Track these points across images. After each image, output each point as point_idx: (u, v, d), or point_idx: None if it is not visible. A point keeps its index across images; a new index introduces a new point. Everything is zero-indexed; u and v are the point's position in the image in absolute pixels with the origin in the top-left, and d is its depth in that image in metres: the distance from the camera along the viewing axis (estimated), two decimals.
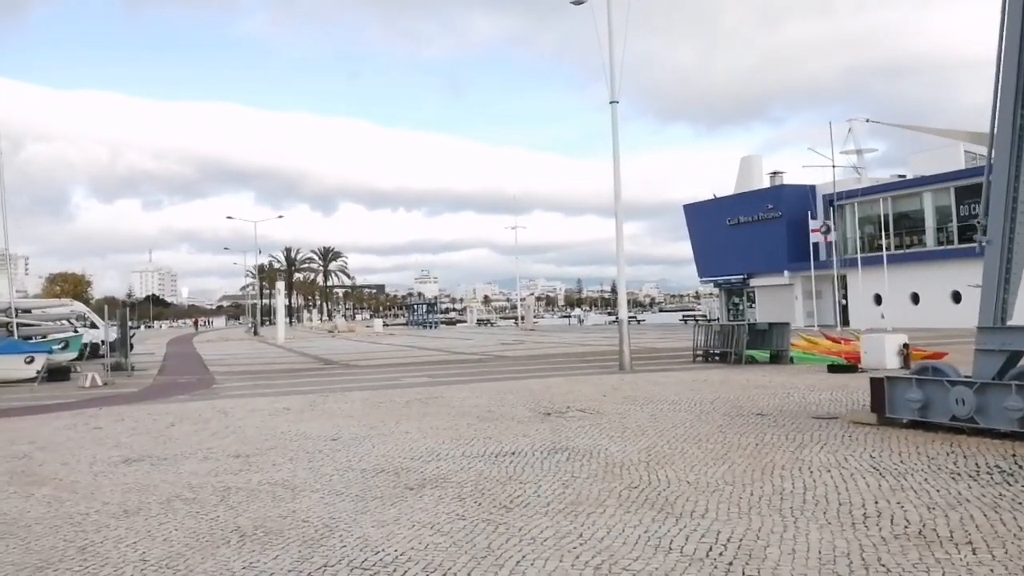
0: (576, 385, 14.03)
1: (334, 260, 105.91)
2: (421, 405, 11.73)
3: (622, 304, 17.75)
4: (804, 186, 44.47)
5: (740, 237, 45.22)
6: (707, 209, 48.11)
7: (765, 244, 43.77)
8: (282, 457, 7.78)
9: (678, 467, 6.82)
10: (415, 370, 19.07)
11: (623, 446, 7.89)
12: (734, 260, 45.79)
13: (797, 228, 41.93)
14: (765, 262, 44.07)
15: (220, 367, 22.20)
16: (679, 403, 11.17)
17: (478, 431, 9.10)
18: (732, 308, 48.71)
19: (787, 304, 43.55)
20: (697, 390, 12.76)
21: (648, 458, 7.25)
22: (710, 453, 7.41)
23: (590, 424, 9.42)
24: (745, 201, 45.15)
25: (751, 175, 46.76)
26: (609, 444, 8.03)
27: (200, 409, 11.98)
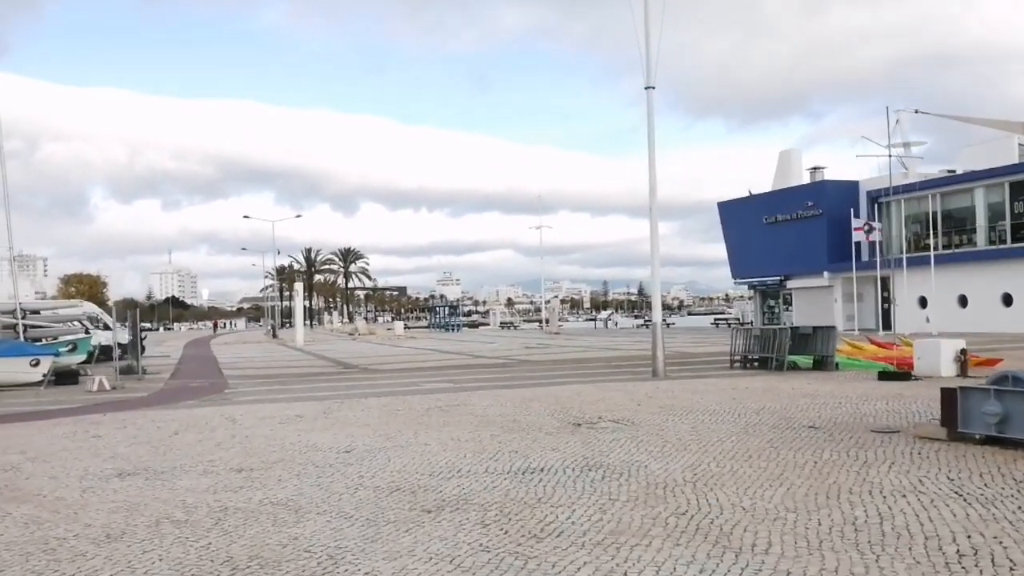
0: (607, 393, 13.40)
1: (355, 261, 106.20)
2: (441, 413, 11.19)
3: (656, 307, 17.06)
4: (847, 182, 43.29)
5: (777, 236, 44.15)
6: (743, 207, 47.06)
7: (804, 244, 42.67)
8: (288, 472, 7.27)
9: (729, 489, 6.17)
10: (436, 375, 18.56)
11: (664, 463, 7.26)
12: (770, 260, 44.72)
13: (838, 226, 40.74)
14: (803, 262, 42.96)
15: (234, 371, 21.91)
16: (721, 413, 10.49)
17: (503, 444, 8.52)
18: (767, 311, 47.60)
19: (826, 307, 42.41)
20: (739, 399, 12.05)
21: (694, 477, 6.61)
22: (764, 472, 6.74)
23: (625, 437, 8.79)
24: (783, 198, 44.06)
25: (790, 171, 45.64)
26: (648, 460, 7.40)
27: (208, 416, 11.57)
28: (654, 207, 17.00)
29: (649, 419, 10.14)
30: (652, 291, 17.02)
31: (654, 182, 17.02)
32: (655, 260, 17.02)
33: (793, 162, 46.24)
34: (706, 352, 24.44)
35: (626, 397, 12.63)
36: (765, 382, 14.65)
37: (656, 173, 16.97)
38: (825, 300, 42.75)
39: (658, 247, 16.99)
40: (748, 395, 12.56)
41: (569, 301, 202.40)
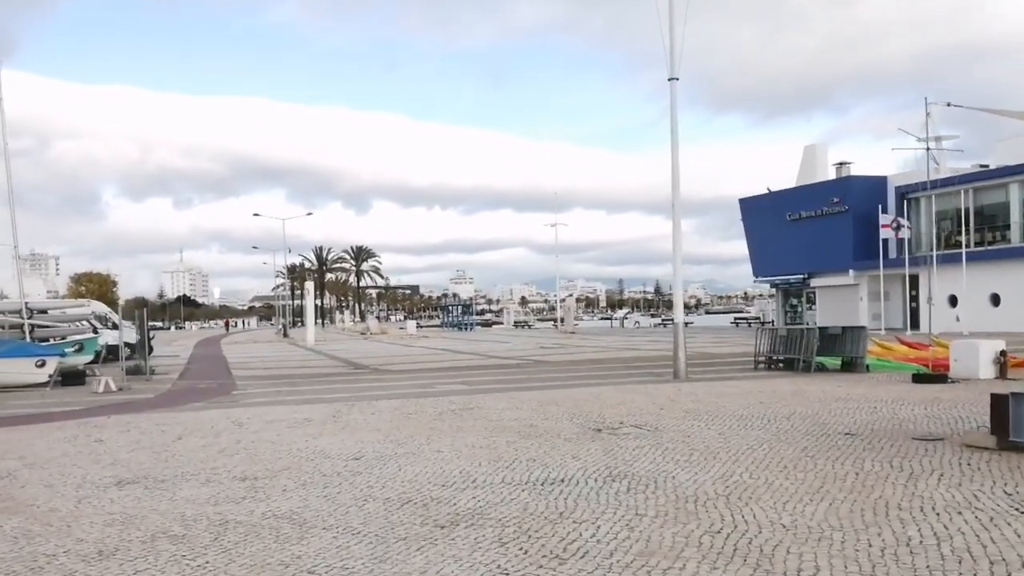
0: (627, 395, 13.04)
1: (367, 260, 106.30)
2: (455, 417, 10.89)
3: (678, 306, 16.66)
4: (874, 178, 42.52)
5: (801, 233, 43.46)
6: (765, 203, 46.40)
7: (829, 241, 41.95)
8: (294, 481, 6.99)
9: (766, 503, 5.80)
10: (449, 376, 18.28)
11: (693, 473, 6.90)
12: (793, 258, 44.04)
13: (865, 223, 40.04)
14: (828, 260, 42.25)
15: (244, 371, 21.74)
16: (749, 419, 10.10)
17: (520, 451, 8.20)
18: (790, 310, 46.94)
19: (851, 306, 41.69)
20: (767, 403, 11.65)
21: (727, 490, 6.25)
22: (802, 485, 6.37)
23: (649, 444, 8.44)
24: (808, 194, 43.36)
25: (815, 166, 44.92)
26: (676, 470, 7.04)
27: (214, 419, 11.33)
28: (677, 203, 16.61)
29: (673, 424, 9.78)
30: (674, 290, 16.64)
31: (677, 176, 16.62)
32: (677, 258, 16.63)
33: (818, 157, 45.49)
34: (728, 353, 23.97)
35: (648, 400, 12.26)
36: (793, 384, 14.22)
37: (679, 167, 16.57)
38: (850, 299, 42.04)
39: (681, 244, 16.60)
40: (776, 399, 12.15)
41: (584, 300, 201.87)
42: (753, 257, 47.34)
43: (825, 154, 46.39)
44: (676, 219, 16.72)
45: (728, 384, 14.67)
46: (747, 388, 13.81)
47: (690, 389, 13.83)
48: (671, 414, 10.71)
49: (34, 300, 21.99)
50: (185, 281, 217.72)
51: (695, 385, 14.57)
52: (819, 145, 46.97)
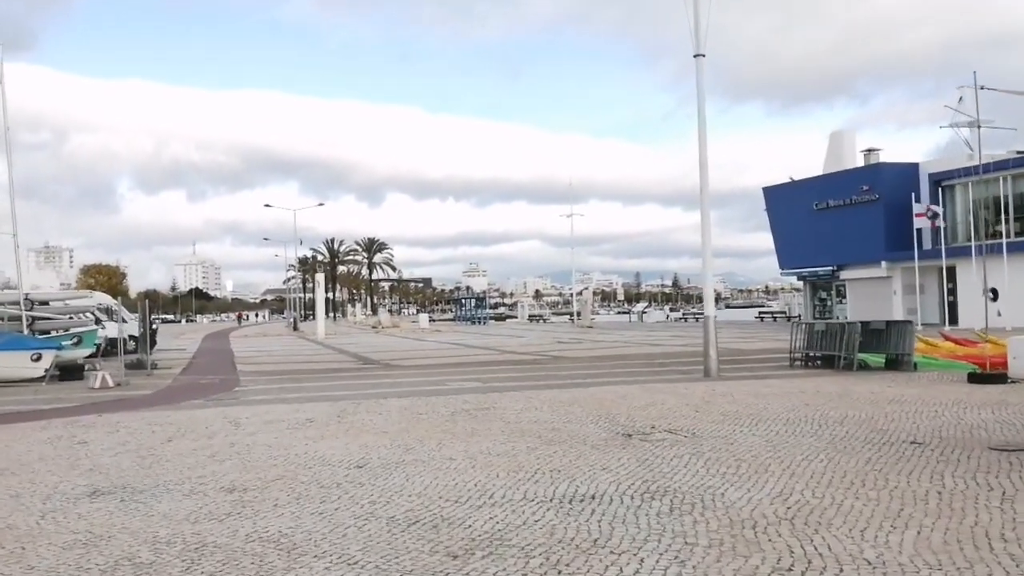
0: (656, 396, 12.20)
1: (379, 252, 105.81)
2: (469, 418, 10.11)
3: (709, 300, 15.76)
4: (905, 164, 41.19)
5: (829, 223, 42.20)
6: (791, 192, 45.15)
7: (859, 231, 40.68)
8: (288, 494, 6.23)
9: (839, 530, 4.97)
10: (463, 372, 17.52)
11: (745, 490, 6.07)
12: (822, 250, 42.79)
13: (897, 213, 38.75)
14: (858, 252, 41.00)
15: (249, 366, 21.13)
16: (797, 423, 9.23)
17: (542, 459, 7.40)
18: (818, 304, 45.72)
19: (884, 299, 40.45)
20: (813, 405, 10.77)
21: (789, 512, 5.42)
22: (878, 506, 5.52)
23: (688, 452, 7.61)
24: (836, 182, 42.07)
25: (842, 153, 43.58)
26: (724, 486, 6.22)
27: (210, 419, 10.63)
28: (705, 188, 15.70)
29: (712, 430, 8.94)
30: (704, 283, 15.76)
31: (705, 157, 15.71)
32: (707, 248, 15.73)
33: (846, 144, 44.12)
34: (758, 349, 23.04)
35: (680, 401, 11.41)
36: (837, 384, 13.31)
37: (707, 147, 15.66)
38: (883, 292, 40.78)
39: (710, 232, 15.71)
40: (822, 400, 11.26)
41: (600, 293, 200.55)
42: (779, 249, 46.12)
43: (853, 141, 45.01)
44: (704, 206, 15.82)
45: (765, 383, 13.78)
46: (787, 388, 12.92)
47: (724, 389, 12.96)
48: (708, 417, 9.87)
49: (35, 291, 21.44)
50: (198, 274, 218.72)
51: (729, 384, 13.69)
52: (846, 131, 45.60)
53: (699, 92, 15.82)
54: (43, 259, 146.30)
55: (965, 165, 38.42)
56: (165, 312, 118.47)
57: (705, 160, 15.68)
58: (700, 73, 15.86)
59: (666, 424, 9.37)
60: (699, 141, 15.71)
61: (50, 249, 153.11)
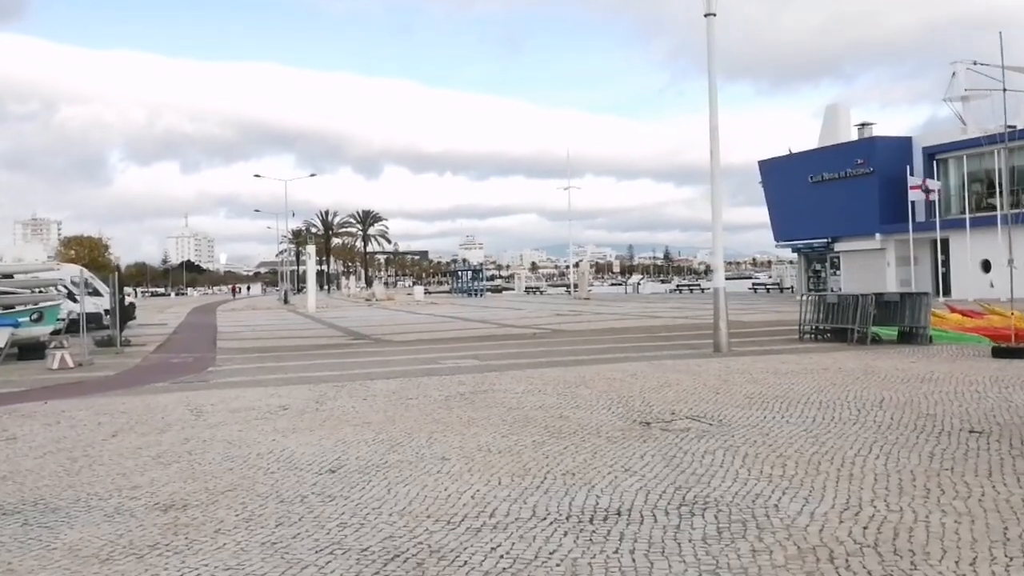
0: (668, 374, 10.91)
1: (373, 224, 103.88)
2: (465, 404, 8.80)
3: (718, 270, 14.43)
4: (900, 138, 39.90)
5: (824, 196, 40.92)
6: (786, 165, 43.77)
7: (853, 204, 39.44)
8: (237, 512, 4.90)
9: (945, 564, 3.68)
10: (458, 348, 16.19)
11: (802, 500, 4.78)
12: (816, 222, 41.57)
13: (891, 185, 37.52)
14: (853, 224, 39.79)
15: (231, 341, 19.73)
16: (832, 407, 7.96)
17: (551, 458, 6.09)
18: (812, 276, 44.60)
19: (877, 271, 39.36)
20: (841, 384, 9.51)
21: (868, 534, 4.13)
22: (974, 524, 4.24)
23: (719, 446, 6.32)
24: (831, 155, 40.71)
25: (837, 127, 42.15)
26: (775, 494, 4.93)
27: (169, 407, 9.27)
28: (716, 151, 14.30)
29: (740, 416, 7.65)
30: (714, 252, 14.43)
31: (715, 121, 14.30)
32: (717, 217, 14.36)
33: (841, 117, 42.66)
34: (761, 321, 21.83)
35: (695, 381, 10.13)
36: (857, 360, 12.07)
37: (718, 110, 14.25)
38: (877, 264, 39.67)
39: (721, 199, 14.36)
40: (847, 379, 10.00)
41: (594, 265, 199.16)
42: (774, 221, 44.86)
43: (848, 114, 43.60)
44: (716, 176, 14.43)
45: (780, 359, 12.52)
46: (806, 364, 11.66)
47: (739, 366, 11.68)
48: (731, 400, 8.58)
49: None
50: (190, 246, 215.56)
51: (742, 361, 12.42)
52: (841, 105, 44.23)
53: (709, 52, 14.39)
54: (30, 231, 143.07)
55: (957, 139, 37.26)
56: (156, 285, 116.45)
57: (716, 125, 14.27)
58: (711, 33, 14.42)
59: (687, 409, 8.08)
60: (709, 104, 14.29)
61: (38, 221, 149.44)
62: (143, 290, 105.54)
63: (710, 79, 14.42)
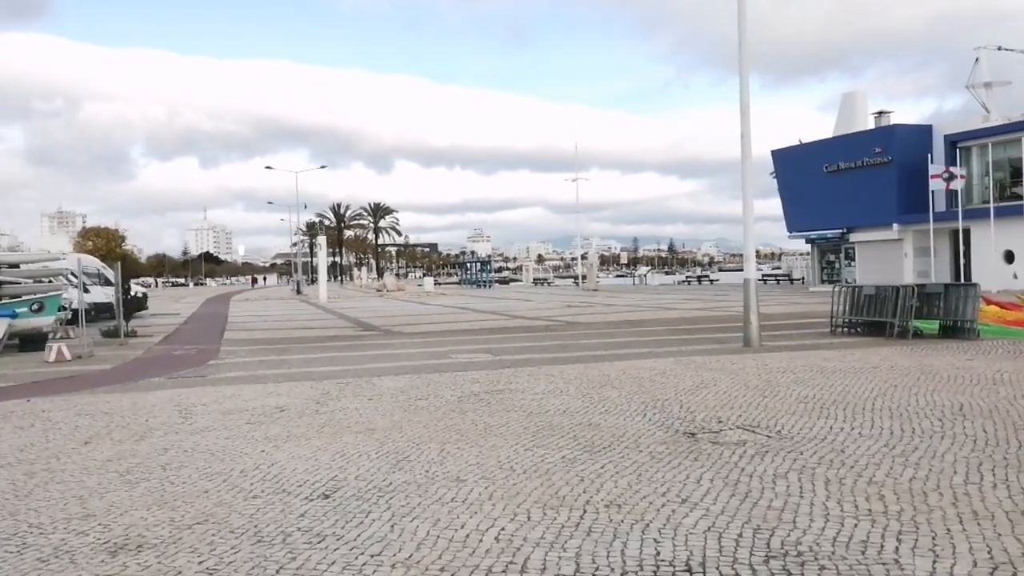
0: (701, 373, 9.72)
1: (384, 216, 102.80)
2: (481, 407, 7.66)
3: (749, 258, 13.19)
4: (919, 126, 38.33)
5: (840, 186, 39.42)
6: (800, 155, 42.25)
7: (870, 193, 37.93)
8: (200, 558, 3.77)
9: None
10: (470, 341, 15.06)
11: (931, 554, 3.59)
12: (831, 212, 40.06)
13: (910, 174, 35.99)
14: (870, 214, 38.30)
15: (239, 332, 18.69)
16: (906, 416, 6.76)
17: (587, 481, 4.94)
18: (826, 267, 43.17)
19: (895, 262, 37.90)
20: (903, 386, 8.30)
21: None
22: None
23: (789, 466, 5.15)
24: (848, 144, 39.16)
25: (854, 115, 40.57)
26: (888, 541, 3.75)
27: (157, 407, 8.18)
28: (747, 133, 13.05)
29: (798, 426, 6.47)
30: (744, 240, 13.19)
31: (746, 100, 13.05)
32: (747, 204, 13.11)
33: (858, 106, 41.05)
34: (783, 313, 20.58)
35: (734, 381, 8.94)
36: (906, 357, 10.83)
37: (748, 90, 12.99)
38: (893, 255, 38.21)
39: (751, 180, 13.13)
40: (907, 380, 8.78)
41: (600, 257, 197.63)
42: (787, 211, 43.37)
43: (865, 103, 41.98)
44: (745, 157, 13.17)
45: (819, 355, 11.29)
46: (850, 362, 10.43)
47: (777, 363, 10.48)
48: (782, 405, 7.39)
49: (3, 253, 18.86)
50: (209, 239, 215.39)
51: (778, 357, 11.21)
52: (859, 93, 42.52)
53: (740, 19, 13.08)
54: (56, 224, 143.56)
55: (981, 127, 35.66)
56: (176, 276, 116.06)
57: (747, 104, 13.01)
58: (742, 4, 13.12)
59: (735, 416, 6.91)
60: (740, 84, 13.02)
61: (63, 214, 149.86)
62: (163, 280, 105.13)
63: (741, 59, 13.14)
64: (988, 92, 36.98)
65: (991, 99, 36.86)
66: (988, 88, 37.10)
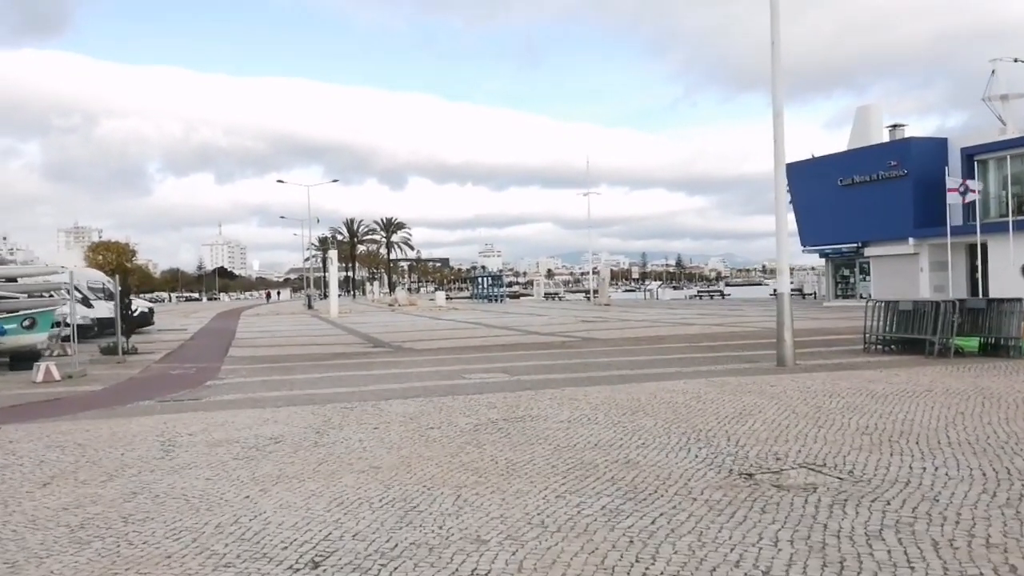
0: (740, 397, 8.69)
1: (396, 231, 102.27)
2: (500, 438, 6.67)
3: (783, 270, 12.16)
4: (935, 139, 37.25)
5: (854, 199, 38.34)
6: (814, 169, 41.22)
7: (886, 207, 36.83)
8: None
9: None
10: (484, 359, 14.07)
11: None
12: (846, 226, 38.96)
13: (927, 188, 34.93)
14: (885, 228, 37.16)
15: (245, 349, 17.78)
16: (993, 452, 5.72)
17: (638, 544, 3.94)
18: (840, 281, 41.99)
19: (910, 277, 36.68)
20: (969, 413, 7.25)
21: None
22: None
23: (878, 521, 4.13)
24: (862, 157, 38.13)
25: (868, 128, 39.55)
26: None
27: (139, 437, 7.23)
28: (780, 138, 12.09)
29: (870, 464, 5.45)
30: (778, 253, 12.18)
31: (779, 103, 12.09)
32: (780, 215, 12.13)
33: (872, 118, 40.01)
34: (807, 329, 19.47)
35: (779, 407, 7.90)
36: (956, 379, 9.76)
37: (781, 89, 12.04)
38: (909, 269, 37.01)
39: (784, 201, 12.16)
40: (970, 405, 7.73)
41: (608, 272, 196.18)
42: (800, 226, 42.23)
43: (880, 115, 40.94)
44: (778, 163, 12.21)
45: (862, 377, 10.24)
46: (898, 384, 9.38)
47: (819, 385, 9.44)
48: (842, 437, 6.36)
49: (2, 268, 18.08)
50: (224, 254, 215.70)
51: (817, 378, 10.16)
52: (873, 106, 41.49)
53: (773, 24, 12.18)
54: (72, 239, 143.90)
55: (998, 139, 34.55)
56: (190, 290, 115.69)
57: (780, 108, 12.05)
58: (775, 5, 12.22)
59: (793, 451, 5.89)
60: (773, 86, 12.09)
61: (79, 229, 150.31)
62: (177, 295, 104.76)
63: (773, 52, 12.20)
64: (1005, 105, 35.94)
65: (1008, 112, 35.80)
66: (1005, 101, 36.07)
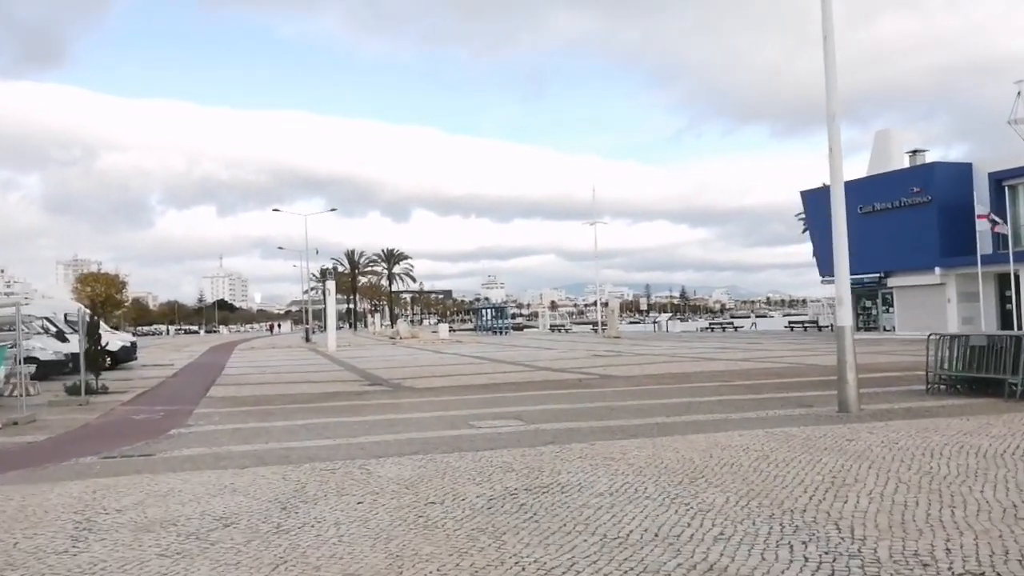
0: (821, 457, 6.97)
1: (398, 263, 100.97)
2: (523, 522, 4.98)
3: (843, 300, 10.54)
4: (960, 164, 35.85)
5: (876, 227, 36.77)
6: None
7: (909, 235, 35.27)
8: None
9: None
10: (493, 401, 12.38)
11: None
12: (867, 255, 37.24)
13: (953, 215, 33.44)
14: (909, 257, 35.56)
15: (227, 388, 16.11)
16: None
17: None
18: (862, 313, 40.22)
19: (937, 308, 34.94)
20: None
21: None
22: None
23: None
24: (883, 184, 36.70)
25: (889, 154, 38.24)
26: None
27: (49, 515, 5.55)
28: (836, 148, 10.59)
29: None
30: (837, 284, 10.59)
31: (834, 105, 10.61)
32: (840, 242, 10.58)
33: (893, 144, 38.73)
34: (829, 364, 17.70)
35: (879, 474, 6.18)
36: None
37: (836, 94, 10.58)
38: (935, 300, 35.29)
39: (842, 207, 10.67)
40: None
41: None
42: (818, 255, 40.65)
43: (900, 140, 39.67)
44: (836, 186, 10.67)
45: (949, 427, 8.51)
46: (1010, 441, 7.65)
47: (909, 440, 7.71)
48: (992, 524, 4.66)
49: None
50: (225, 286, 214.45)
51: (899, 430, 8.44)
52: (893, 130, 40.23)
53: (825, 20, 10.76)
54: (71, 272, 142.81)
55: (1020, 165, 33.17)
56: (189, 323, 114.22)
57: (834, 111, 10.55)
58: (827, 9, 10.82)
59: (939, 549, 4.19)
60: (827, 88, 10.63)
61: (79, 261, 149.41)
62: (176, 328, 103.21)
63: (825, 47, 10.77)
64: None
65: None
66: None
